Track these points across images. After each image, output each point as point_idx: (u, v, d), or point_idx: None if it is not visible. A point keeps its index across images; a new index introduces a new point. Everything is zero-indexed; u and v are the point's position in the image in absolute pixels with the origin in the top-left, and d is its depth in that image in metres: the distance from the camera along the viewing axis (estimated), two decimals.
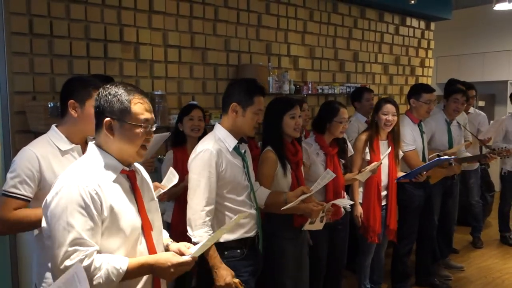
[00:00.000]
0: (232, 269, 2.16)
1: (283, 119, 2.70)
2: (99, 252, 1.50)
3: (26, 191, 1.90)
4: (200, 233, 2.16)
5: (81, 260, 1.42)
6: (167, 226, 3.06)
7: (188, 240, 2.16)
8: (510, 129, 5.00)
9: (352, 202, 2.99)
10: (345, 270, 3.54)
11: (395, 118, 3.32)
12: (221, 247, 2.23)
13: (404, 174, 3.43)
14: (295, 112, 2.72)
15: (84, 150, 2.05)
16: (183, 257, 1.59)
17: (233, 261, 2.24)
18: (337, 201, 2.81)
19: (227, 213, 2.29)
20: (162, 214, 2.41)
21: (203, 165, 2.20)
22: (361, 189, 3.38)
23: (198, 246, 1.64)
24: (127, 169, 1.64)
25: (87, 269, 1.42)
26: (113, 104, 1.58)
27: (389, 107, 3.29)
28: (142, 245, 1.62)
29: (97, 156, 1.60)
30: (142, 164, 1.92)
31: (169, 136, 2.91)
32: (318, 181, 2.55)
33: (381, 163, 3.19)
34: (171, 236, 1.89)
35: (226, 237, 2.26)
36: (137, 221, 1.61)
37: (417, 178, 3.36)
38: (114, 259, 1.49)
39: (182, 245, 1.71)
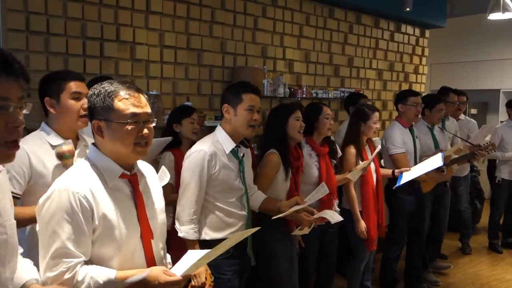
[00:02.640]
0: (215, 267, 2.20)
1: (288, 122, 2.76)
2: (89, 261, 1.43)
3: (15, 188, 1.90)
4: (186, 229, 2.25)
5: (63, 273, 1.37)
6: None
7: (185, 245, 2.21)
8: (505, 137, 5.05)
9: (341, 219, 2.94)
10: (336, 274, 3.56)
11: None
12: (206, 244, 2.25)
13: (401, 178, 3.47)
14: (299, 115, 2.79)
15: (76, 145, 2.07)
16: (174, 276, 1.47)
17: (217, 259, 2.25)
18: (327, 215, 2.83)
19: (217, 212, 2.33)
20: None
21: (196, 165, 2.25)
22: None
23: (190, 263, 1.51)
24: (128, 173, 1.53)
25: (69, 282, 1.37)
26: (98, 104, 1.49)
27: (377, 116, 3.35)
28: (140, 254, 1.53)
29: (95, 159, 1.52)
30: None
31: (170, 141, 2.92)
32: (313, 193, 2.57)
33: (371, 162, 3.23)
34: (170, 242, 1.85)
35: (212, 235, 2.31)
36: (134, 229, 1.52)
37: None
38: (100, 272, 1.41)
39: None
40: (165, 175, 2.33)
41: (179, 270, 1.51)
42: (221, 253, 2.27)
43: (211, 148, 2.29)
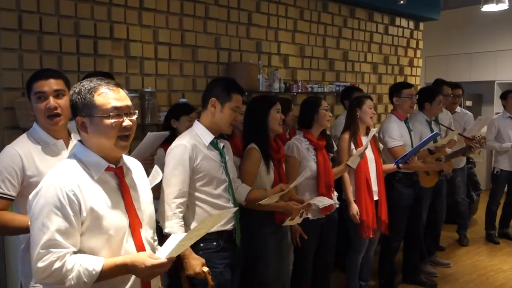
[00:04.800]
0: (207, 260, 2.20)
1: (269, 114, 2.75)
2: (79, 252, 1.48)
3: (9, 190, 1.90)
4: (171, 224, 2.21)
5: (53, 262, 1.41)
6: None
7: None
8: (502, 129, 5.09)
9: (331, 202, 3.02)
10: (334, 268, 3.57)
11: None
12: None
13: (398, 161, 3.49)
14: (279, 107, 2.80)
15: (67, 144, 2.06)
16: (158, 259, 1.51)
17: (208, 253, 2.28)
18: (316, 200, 2.87)
19: (204, 206, 2.33)
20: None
21: (177, 159, 2.26)
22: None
23: (172, 246, 1.54)
24: (114, 166, 1.59)
25: (58, 271, 1.41)
26: (78, 102, 1.54)
27: (370, 102, 3.43)
28: (130, 244, 1.58)
29: (81, 154, 1.57)
30: (141, 161, 1.91)
31: (167, 135, 2.90)
32: (297, 178, 2.62)
33: (366, 147, 3.25)
34: (163, 236, 1.87)
35: None
36: (122, 220, 1.57)
37: (408, 162, 3.44)
38: (88, 260, 1.46)
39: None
40: (157, 174, 2.33)
41: (163, 253, 1.55)
42: (212, 246, 2.28)
43: (191, 141, 2.30)
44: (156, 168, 2.36)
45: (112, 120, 1.52)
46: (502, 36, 7.79)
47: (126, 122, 1.55)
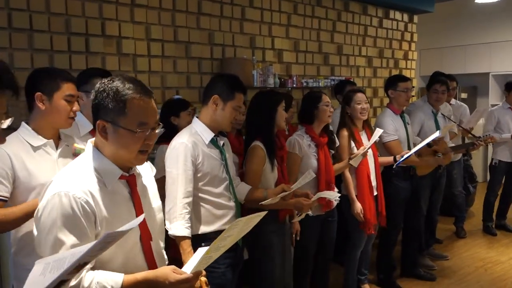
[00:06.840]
0: None
1: (277, 111, 2.71)
2: (93, 268, 1.38)
3: (1, 191, 1.86)
4: (176, 226, 2.17)
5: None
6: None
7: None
8: (501, 120, 5.09)
9: (339, 194, 3.01)
10: (332, 263, 3.56)
11: (368, 105, 3.39)
12: (198, 238, 2.23)
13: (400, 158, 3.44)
14: (284, 104, 2.76)
15: (57, 145, 2.02)
16: (184, 274, 1.40)
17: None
18: (325, 194, 2.85)
19: (205, 206, 2.30)
20: None
21: (179, 159, 2.22)
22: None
23: (198, 259, 1.45)
24: (127, 174, 1.49)
25: None
26: (107, 104, 1.41)
27: (360, 96, 3.35)
28: (140, 257, 1.49)
29: (94, 159, 1.46)
30: None
31: (163, 132, 2.86)
32: (300, 180, 2.56)
33: (370, 147, 3.23)
34: (167, 242, 1.81)
35: (204, 229, 2.28)
36: (134, 231, 1.46)
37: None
38: (106, 277, 1.35)
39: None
40: (152, 170, 2.29)
41: (189, 268, 1.47)
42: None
43: (191, 139, 2.26)
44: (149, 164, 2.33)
45: (138, 136, 1.42)
46: (496, 27, 7.79)
47: (150, 139, 1.47)
